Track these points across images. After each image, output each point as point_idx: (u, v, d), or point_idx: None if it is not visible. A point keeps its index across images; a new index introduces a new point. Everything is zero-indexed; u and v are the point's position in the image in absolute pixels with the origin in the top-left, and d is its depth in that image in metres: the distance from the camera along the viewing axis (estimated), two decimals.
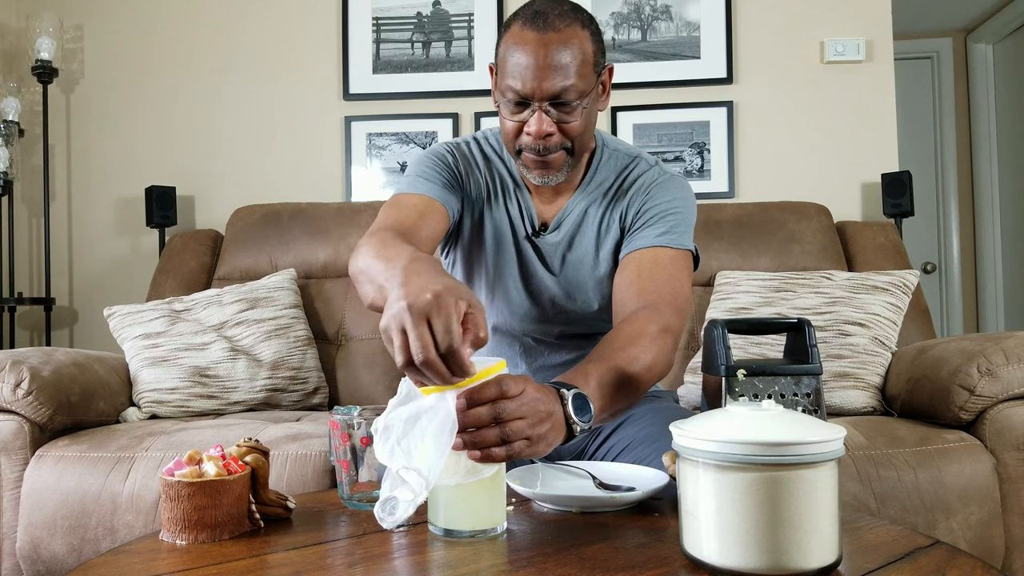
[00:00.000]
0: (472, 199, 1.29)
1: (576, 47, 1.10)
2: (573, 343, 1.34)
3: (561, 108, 1.12)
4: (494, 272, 1.30)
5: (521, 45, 1.10)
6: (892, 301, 1.84)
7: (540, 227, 1.29)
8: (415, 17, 2.71)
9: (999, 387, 1.44)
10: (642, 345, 1.03)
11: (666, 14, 2.64)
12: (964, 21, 3.86)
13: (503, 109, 1.16)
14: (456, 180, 1.26)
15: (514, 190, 1.29)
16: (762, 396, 1.10)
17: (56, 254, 2.75)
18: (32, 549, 1.46)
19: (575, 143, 1.16)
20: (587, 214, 1.27)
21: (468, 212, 1.29)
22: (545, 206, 1.29)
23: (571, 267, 1.29)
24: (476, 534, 0.81)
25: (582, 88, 1.11)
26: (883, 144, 2.57)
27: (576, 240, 1.28)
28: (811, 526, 0.67)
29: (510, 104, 1.14)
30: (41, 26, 2.61)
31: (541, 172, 1.18)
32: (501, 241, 1.29)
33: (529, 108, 1.12)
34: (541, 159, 1.16)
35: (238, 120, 2.73)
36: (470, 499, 0.82)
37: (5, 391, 1.52)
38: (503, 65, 1.14)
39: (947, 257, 3.95)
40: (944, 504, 1.39)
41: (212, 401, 1.86)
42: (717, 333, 1.16)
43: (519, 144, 1.17)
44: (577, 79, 1.10)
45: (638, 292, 1.15)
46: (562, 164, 1.18)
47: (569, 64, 1.09)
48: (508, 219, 1.29)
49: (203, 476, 0.84)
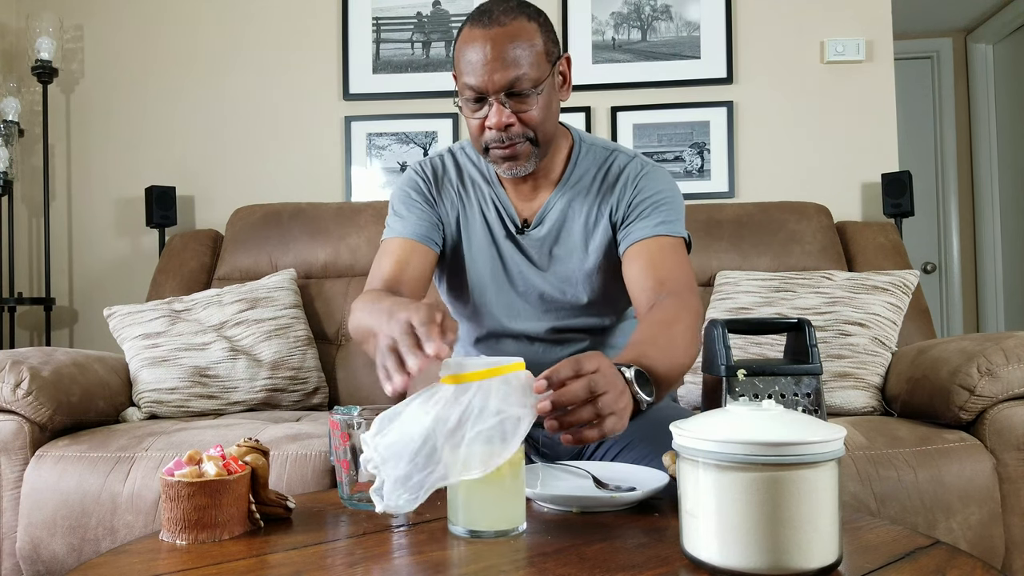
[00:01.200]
0: (447, 212, 1.32)
1: (524, 39, 1.15)
2: (566, 338, 1.34)
3: (516, 98, 1.16)
4: (478, 275, 1.32)
5: (471, 43, 1.15)
6: (892, 301, 1.84)
7: (523, 224, 1.30)
8: (415, 17, 2.71)
9: (999, 387, 1.44)
10: (678, 330, 1.08)
11: (666, 14, 2.64)
12: (964, 21, 3.86)
13: (465, 109, 1.20)
14: (429, 203, 1.31)
15: (490, 193, 1.32)
16: (762, 396, 1.11)
17: (56, 254, 2.75)
18: (32, 549, 1.46)
19: (537, 132, 1.19)
20: (571, 208, 1.29)
21: (447, 227, 1.33)
22: (524, 203, 1.31)
23: (559, 261, 1.30)
24: (499, 534, 0.81)
25: (535, 77, 1.15)
26: (883, 144, 2.57)
27: (563, 235, 1.29)
28: (811, 526, 0.67)
29: (470, 102, 1.18)
30: (41, 26, 2.61)
31: (509, 164, 1.21)
32: (482, 244, 1.31)
33: (487, 103, 1.17)
34: (506, 150, 1.19)
35: (238, 120, 2.73)
36: (493, 498, 0.81)
37: (5, 391, 1.52)
38: (458, 66, 1.18)
39: (947, 257, 3.95)
40: (944, 504, 1.39)
41: (212, 401, 1.86)
42: (717, 333, 1.16)
43: (484, 140, 1.20)
44: (529, 68, 1.15)
45: (657, 281, 1.18)
46: (529, 154, 1.21)
47: (519, 55, 1.14)
48: (485, 222, 1.31)
49: (203, 476, 0.84)
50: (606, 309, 1.32)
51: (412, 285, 1.23)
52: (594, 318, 1.31)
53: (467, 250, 1.32)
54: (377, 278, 1.24)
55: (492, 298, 1.32)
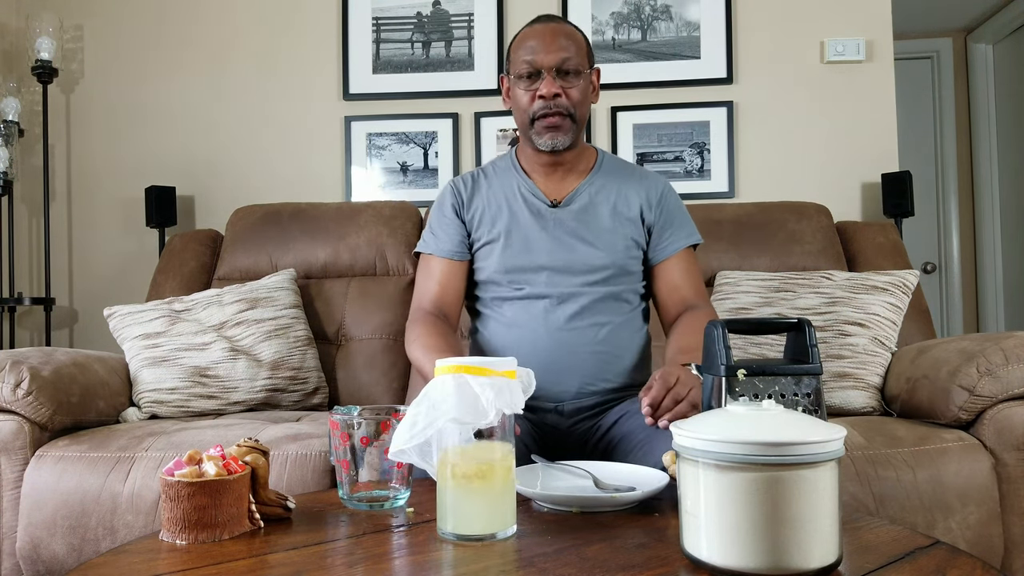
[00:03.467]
0: (477, 208, 1.50)
1: (575, 36, 1.44)
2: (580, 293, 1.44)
3: (565, 77, 1.40)
4: (512, 237, 1.46)
5: (531, 34, 1.42)
6: (892, 301, 1.84)
7: (553, 203, 1.48)
8: (415, 17, 2.71)
9: (999, 387, 1.44)
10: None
11: (666, 14, 2.64)
12: (964, 21, 3.86)
13: (518, 88, 1.43)
14: (458, 213, 1.51)
15: (519, 183, 1.51)
16: (762, 396, 1.11)
17: (56, 254, 2.75)
18: (32, 549, 1.46)
19: (576, 111, 1.42)
20: (600, 194, 1.49)
21: (479, 217, 1.50)
22: (554, 189, 1.49)
23: (583, 233, 1.45)
24: (488, 538, 0.81)
25: (580, 63, 1.42)
26: (883, 144, 2.57)
27: (590, 213, 1.47)
28: (811, 526, 0.67)
29: (523, 79, 1.42)
30: (41, 26, 2.61)
31: (552, 134, 1.42)
32: (518, 216, 1.47)
33: (540, 78, 1.40)
34: (552, 119, 1.40)
35: (238, 120, 2.73)
36: (483, 502, 0.81)
37: (5, 391, 1.52)
38: (516, 54, 1.43)
39: (947, 257, 3.95)
40: (943, 504, 1.39)
41: (212, 401, 1.86)
42: (717, 333, 1.16)
43: (532, 111, 1.41)
44: (576, 55, 1.41)
45: (687, 295, 1.47)
46: (568, 129, 1.42)
47: (570, 44, 1.41)
48: (522, 199, 1.49)
49: (203, 476, 0.84)
50: (626, 279, 1.47)
51: (453, 301, 1.49)
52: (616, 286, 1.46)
53: (505, 222, 1.48)
54: (426, 299, 1.48)
55: (524, 259, 1.45)
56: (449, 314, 1.47)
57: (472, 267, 1.51)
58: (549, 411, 1.39)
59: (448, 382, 0.83)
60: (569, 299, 1.42)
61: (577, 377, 1.39)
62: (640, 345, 1.46)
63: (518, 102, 1.44)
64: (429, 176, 2.68)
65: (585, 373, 1.39)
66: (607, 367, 1.40)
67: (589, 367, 1.39)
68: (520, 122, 1.46)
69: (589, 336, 1.40)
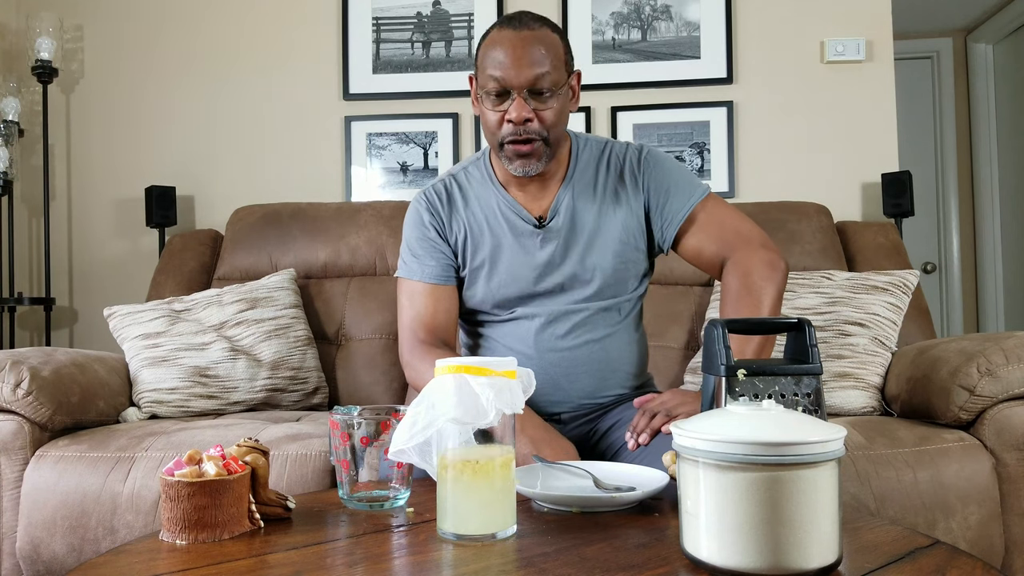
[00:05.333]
0: (459, 232, 1.38)
1: (548, 44, 1.25)
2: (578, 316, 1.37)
3: (537, 97, 1.24)
4: (497, 267, 1.37)
5: (500, 43, 1.24)
6: (892, 301, 1.84)
7: (538, 220, 1.36)
8: (415, 17, 2.71)
9: (999, 387, 1.44)
10: (757, 284, 1.26)
11: (666, 14, 2.64)
12: (964, 21, 3.86)
13: (485, 104, 1.27)
14: (440, 235, 1.39)
15: (498, 200, 1.37)
16: (762, 396, 1.10)
17: (56, 254, 2.75)
18: (32, 549, 1.46)
19: (550, 133, 1.27)
20: (581, 199, 1.36)
21: (461, 248, 1.38)
22: (534, 203, 1.37)
23: (574, 248, 1.35)
24: (487, 538, 0.81)
25: (555, 79, 1.25)
26: (883, 144, 2.57)
27: (577, 223, 1.35)
28: (811, 526, 0.67)
29: (491, 97, 1.25)
30: (41, 26, 2.61)
31: (523, 162, 1.28)
32: (501, 241, 1.36)
33: (509, 98, 1.24)
34: (523, 147, 1.26)
35: (238, 120, 2.73)
36: (482, 501, 0.81)
37: (5, 391, 1.52)
38: (483, 63, 1.26)
39: (947, 257, 3.95)
40: (943, 504, 1.38)
41: (212, 401, 1.86)
42: (717, 333, 1.16)
43: (501, 136, 1.27)
44: (551, 70, 1.24)
45: (719, 247, 1.33)
46: (541, 154, 1.28)
47: (543, 57, 1.23)
48: (503, 218, 1.37)
49: (203, 476, 0.84)
50: (617, 289, 1.38)
51: (448, 326, 1.37)
52: (607, 299, 1.37)
53: (489, 245, 1.37)
54: (419, 326, 1.35)
55: (513, 280, 1.36)
56: (447, 340, 1.37)
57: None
58: (547, 418, 1.38)
59: (448, 382, 0.83)
60: (560, 318, 1.35)
61: (574, 394, 1.36)
62: (637, 352, 1.42)
63: (486, 120, 1.28)
64: (429, 176, 2.68)
65: (582, 390, 1.36)
66: (604, 382, 1.37)
67: (585, 384, 1.36)
68: (489, 141, 1.31)
69: (583, 354, 1.35)
